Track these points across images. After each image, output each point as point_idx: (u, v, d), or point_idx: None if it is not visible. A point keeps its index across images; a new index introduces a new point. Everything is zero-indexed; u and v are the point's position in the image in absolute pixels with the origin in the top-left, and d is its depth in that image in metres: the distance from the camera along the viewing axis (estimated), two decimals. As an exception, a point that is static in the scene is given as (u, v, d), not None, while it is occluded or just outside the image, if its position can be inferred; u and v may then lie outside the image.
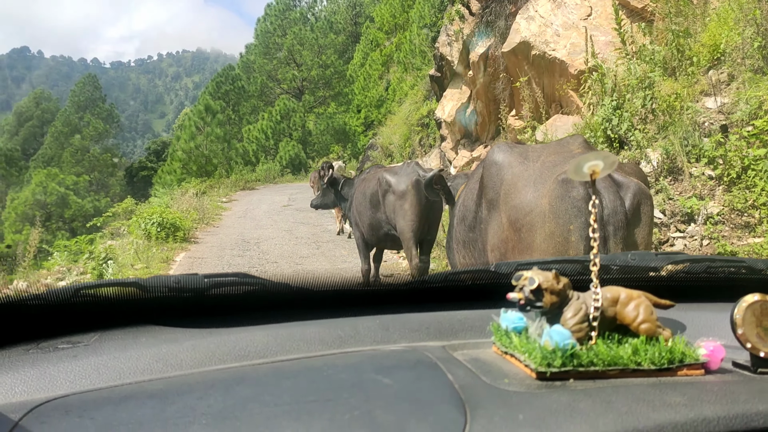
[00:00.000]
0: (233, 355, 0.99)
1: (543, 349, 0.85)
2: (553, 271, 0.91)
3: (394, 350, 1.02)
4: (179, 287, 1.10)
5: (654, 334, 0.92)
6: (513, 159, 2.44)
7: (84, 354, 0.97)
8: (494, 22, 10.80)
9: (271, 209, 15.66)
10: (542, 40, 9.91)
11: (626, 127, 5.14)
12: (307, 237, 10.93)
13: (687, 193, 4.51)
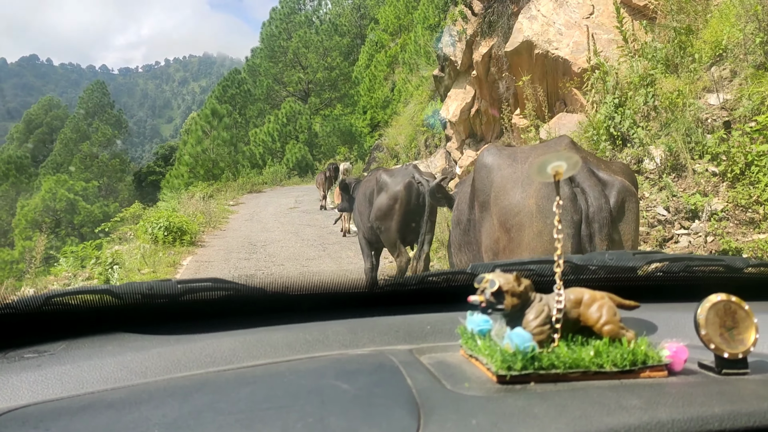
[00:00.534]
0: (199, 362, 0.98)
1: (503, 352, 0.84)
2: (515, 273, 0.90)
3: (359, 354, 1.01)
4: (152, 294, 1.09)
5: (617, 336, 0.91)
6: (502, 161, 2.51)
7: (48, 363, 0.96)
8: (497, 21, 10.80)
9: (277, 212, 15.72)
10: (545, 39, 9.90)
11: (629, 125, 5.13)
12: (314, 239, 10.97)
13: (691, 189, 4.50)
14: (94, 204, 45.22)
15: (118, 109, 67.91)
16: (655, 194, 4.59)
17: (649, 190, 4.67)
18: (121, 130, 64.99)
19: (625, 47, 6.83)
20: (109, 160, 56.30)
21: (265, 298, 1.18)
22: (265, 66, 39.01)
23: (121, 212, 14.32)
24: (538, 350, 0.84)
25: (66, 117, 69.18)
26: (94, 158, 55.87)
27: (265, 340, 1.05)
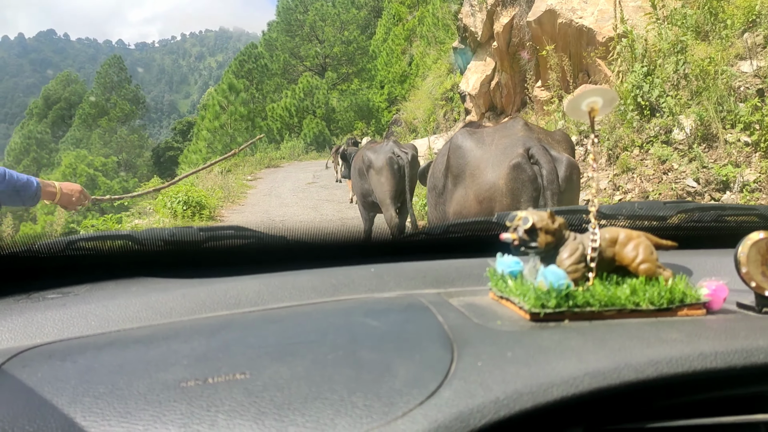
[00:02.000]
0: (223, 303, 0.99)
1: (537, 290, 0.83)
2: (548, 210, 0.87)
3: (387, 297, 1.01)
4: (174, 240, 1.10)
5: (654, 275, 0.88)
6: (473, 144, 2.95)
7: (73, 303, 0.96)
8: (519, -10, 10.54)
9: (295, 187, 15.68)
10: (569, 8, 9.64)
11: (657, 94, 4.97)
12: (332, 214, 10.91)
13: (722, 160, 4.35)
14: (113, 179, 45.69)
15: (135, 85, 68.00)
16: (685, 165, 4.45)
17: (679, 161, 4.53)
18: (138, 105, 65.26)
19: (653, 14, 6.60)
20: (128, 135, 56.68)
21: (287, 246, 1.18)
22: (282, 40, 38.73)
23: (140, 187, 14.36)
24: (572, 288, 0.83)
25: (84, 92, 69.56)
26: (112, 134, 56.27)
27: (290, 284, 1.05)
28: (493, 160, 2.79)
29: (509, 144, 2.80)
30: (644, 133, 4.97)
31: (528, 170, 2.67)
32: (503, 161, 2.74)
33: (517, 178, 2.67)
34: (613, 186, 4.75)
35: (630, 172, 4.72)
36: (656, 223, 1.24)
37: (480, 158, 2.86)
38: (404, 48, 39.74)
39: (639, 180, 4.61)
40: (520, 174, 2.67)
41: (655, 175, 4.54)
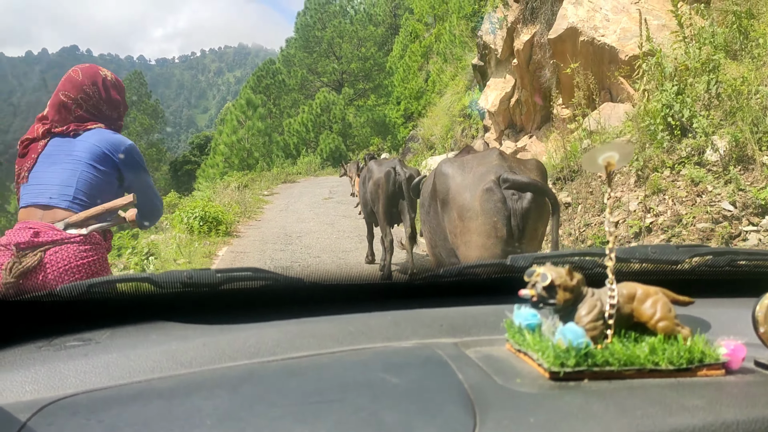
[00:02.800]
0: (243, 352, 0.98)
1: (556, 348, 0.83)
2: (567, 267, 0.88)
3: (404, 347, 1.01)
4: (192, 282, 1.10)
5: (672, 333, 0.88)
6: (455, 171, 3.42)
7: (94, 352, 0.97)
8: (540, 8, 10.44)
9: (312, 202, 15.60)
10: (591, 26, 9.53)
11: (689, 114, 4.81)
12: (350, 230, 10.77)
13: (759, 183, 4.18)
14: (131, 192, 46.03)
15: (155, 99, 68.78)
16: (720, 188, 4.27)
17: (713, 183, 4.35)
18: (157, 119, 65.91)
19: (680, 32, 6.45)
20: (146, 149, 57.22)
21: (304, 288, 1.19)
22: (300, 56, 38.98)
23: (157, 201, 14.41)
24: (591, 346, 0.83)
25: (105, 107, 70.20)
26: (131, 147, 56.73)
27: (309, 331, 1.05)
28: (470, 185, 3.28)
29: (484, 171, 3.27)
30: (675, 153, 4.81)
31: (498, 193, 3.15)
32: (478, 186, 3.22)
33: (489, 200, 3.15)
34: (644, 208, 4.58)
35: (661, 194, 4.55)
36: (669, 268, 1.22)
37: (459, 183, 3.35)
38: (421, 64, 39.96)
39: (671, 202, 4.44)
40: (491, 196, 3.15)
41: (689, 197, 4.37)
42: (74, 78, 2.44)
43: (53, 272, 2.09)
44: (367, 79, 39.09)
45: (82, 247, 2.17)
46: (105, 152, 2.35)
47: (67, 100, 2.40)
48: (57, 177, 2.28)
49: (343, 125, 35.60)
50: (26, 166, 2.34)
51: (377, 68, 38.64)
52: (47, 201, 2.25)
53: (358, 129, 35.67)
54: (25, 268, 2.04)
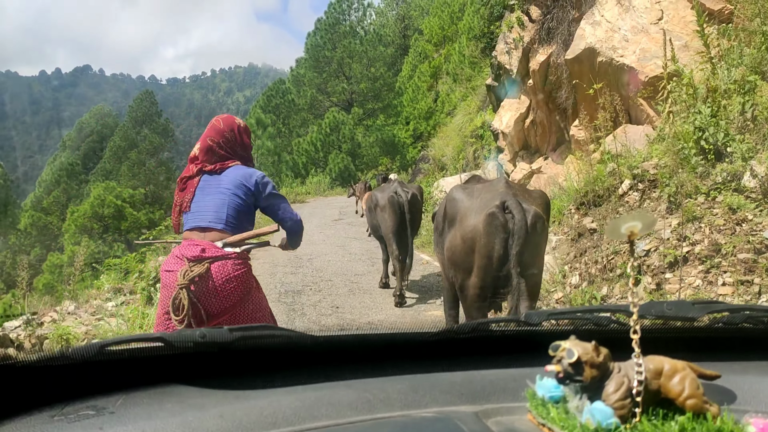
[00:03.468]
0: (261, 423, 0.96)
1: (585, 428, 0.81)
2: (593, 343, 0.87)
3: (424, 417, 0.99)
4: (205, 342, 1.07)
5: (701, 411, 0.86)
6: (464, 197, 3.80)
7: (109, 423, 0.94)
8: (556, 28, 10.28)
9: (322, 223, 15.38)
10: (609, 46, 9.35)
11: (723, 137, 4.58)
12: (361, 253, 10.52)
13: (804, 212, 3.93)
14: (140, 211, 46.04)
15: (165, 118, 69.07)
16: (762, 216, 4.03)
17: (753, 211, 4.11)
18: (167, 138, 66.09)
19: (705, 53, 6.24)
20: (156, 168, 57.28)
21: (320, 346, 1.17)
22: (310, 76, 39.03)
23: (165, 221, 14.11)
24: (621, 427, 0.82)
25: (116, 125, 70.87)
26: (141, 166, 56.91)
27: (326, 399, 1.04)
28: (476, 209, 3.61)
29: (490, 197, 3.59)
30: (709, 179, 4.57)
31: (500, 218, 3.45)
32: (483, 210, 3.54)
33: (492, 224, 3.45)
34: (678, 236, 4.33)
35: (696, 221, 4.30)
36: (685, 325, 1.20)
37: (467, 207, 3.69)
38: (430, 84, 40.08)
39: (708, 230, 4.19)
40: (494, 220, 3.45)
41: (727, 225, 4.12)
42: (217, 126, 3.04)
43: (218, 279, 2.71)
44: (377, 99, 39.09)
45: (237, 261, 2.80)
46: (244, 184, 2.93)
47: (212, 144, 2.99)
48: (211, 205, 2.88)
49: (352, 145, 35.52)
50: (187, 198, 2.92)
51: (387, 88, 38.68)
52: (206, 224, 2.86)
53: (367, 149, 35.58)
54: (194, 275, 2.64)
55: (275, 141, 31.73)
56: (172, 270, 2.78)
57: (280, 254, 10.81)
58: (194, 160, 3.00)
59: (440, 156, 18.81)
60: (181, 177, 3.01)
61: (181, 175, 3.03)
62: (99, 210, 44.76)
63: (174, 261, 2.79)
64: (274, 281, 8.10)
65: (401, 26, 51.98)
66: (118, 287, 6.76)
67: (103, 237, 44.33)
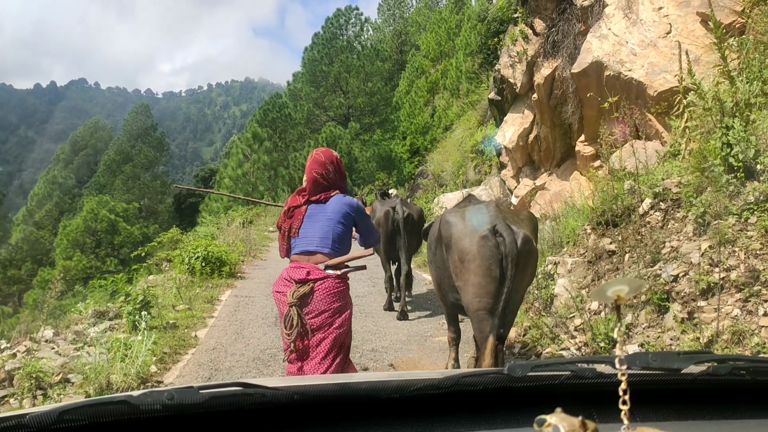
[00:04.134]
0: None
1: None
2: (579, 419, 0.80)
3: None
4: (173, 405, 1.03)
5: None
6: (457, 220, 3.98)
7: None
8: (561, 41, 10.03)
9: (319, 240, 15.02)
10: (617, 60, 9.10)
11: (753, 153, 4.27)
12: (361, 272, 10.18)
13: None
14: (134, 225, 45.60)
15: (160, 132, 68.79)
16: (803, 240, 3.71)
17: (793, 234, 3.79)
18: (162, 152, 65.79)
19: (723, 66, 5.97)
20: (151, 181, 56.90)
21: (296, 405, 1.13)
22: (306, 90, 38.87)
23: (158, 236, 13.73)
24: None
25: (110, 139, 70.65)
26: (136, 180, 56.56)
27: None
28: (469, 232, 3.81)
29: (482, 221, 3.82)
30: (740, 198, 4.25)
31: (492, 240, 3.68)
32: (476, 233, 3.75)
33: (485, 246, 3.67)
34: (710, 261, 4.00)
35: (729, 245, 3.98)
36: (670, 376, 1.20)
37: (461, 230, 3.89)
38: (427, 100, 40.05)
39: (743, 255, 3.87)
40: (486, 242, 3.66)
41: (765, 250, 3.80)
42: (319, 159, 3.37)
43: (320, 295, 3.10)
44: (374, 114, 38.95)
45: (336, 280, 3.17)
46: (346, 211, 3.31)
47: (318, 176, 3.33)
48: (318, 231, 3.24)
49: (349, 159, 35.26)
50: (296, 225, 3.28)
51: (384, 103, 38.58)
52: (313, 248, 3.22)
53: (363, 163, 35.39)
54: (301, 294, 3.08)
55: (272, 155, 31.45)
56: (281, 291, 3.22)
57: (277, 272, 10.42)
58: (302, 192, 3.39)
59: (439, 171, 18.52)
60: (288, 206, 3.38)
61: (288, 204, 3.40)
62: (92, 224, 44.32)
63: (283, 283, 3.23)
64: (270, 303, 7.73)
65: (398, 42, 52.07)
66: (103, 310, 6.36)
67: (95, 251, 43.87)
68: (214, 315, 7.08)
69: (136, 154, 60.39)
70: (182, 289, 7.77)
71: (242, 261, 11.26)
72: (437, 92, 39.04)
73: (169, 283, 8.15)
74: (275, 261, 11.90)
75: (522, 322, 5.39)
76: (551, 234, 6.50)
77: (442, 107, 33.71)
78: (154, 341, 4.98)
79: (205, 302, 7.61)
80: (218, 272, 9.43)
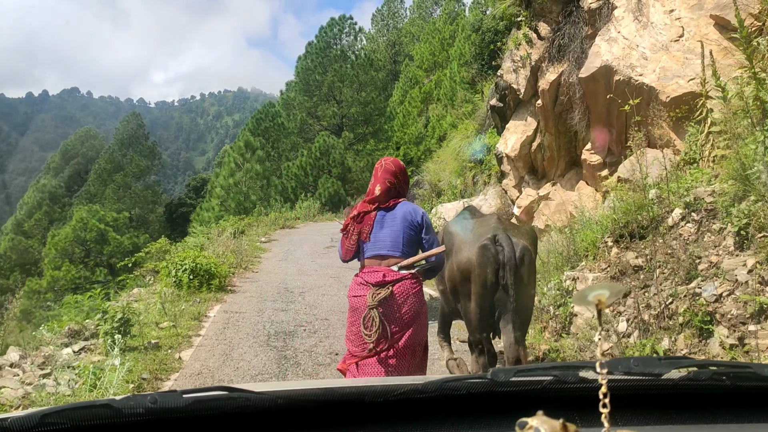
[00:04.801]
0: None
1: None
2: (561, 421, 0.79)
3: None
4: (156, 409, 1.02)
5: None
6: (459, 230, 4.20)
7: None
8: (568, 45, 9.64)
9: (313, 251, 14.50)
10: (627, 64, 8.71)
11: (800, 160, 3.83)
12: (357, 285, 9.69)
13: None
14: (124, 235, 44.93)
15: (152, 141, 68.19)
16: None
17: None
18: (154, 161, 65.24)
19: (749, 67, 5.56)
20: (142, 191, 56.30)
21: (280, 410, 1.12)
22: (300, 100, 38.52)
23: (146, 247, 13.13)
24: None
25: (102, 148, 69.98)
26: (127, 189, 55.97)
27: None
28: (470, 242, 3.95)
29: (483, 232, 3.95)
30: (786, 208, 3.80)
31: (492, 250, 3.80)
32: (476, 243, 3.87)
33: (484, 255, 3.78)
34: (759, 279, 3.55)
35: (781, 261, 3.53)
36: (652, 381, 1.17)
37: (462, 240, 4.05)
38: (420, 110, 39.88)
39: (798, 273, 3.41)
40: (485, 252, 3.77)
41: (824, 267, 3.35)
42: (390, 168, 3.52)
43: (400, 297, 3.23)
44: (367, 124, 38.61)
45: (412, 280, 3.31)
46: (414, 219, 3.40)
47: (390, 185, 3.47)
48: (389, 236, 3.34)
49: (342, 169, 34.89)
50: (366, 230, 3.39)
51: (377, 113, 38.26)
52: (385, 252, 3.32)
53: (357, 173, 35.02)
54: (382, 296, 3.18)
55: (264, 164, 30.99)
56: (358, 295, 3.28)
57: (269, 285, 9.89)
58: (374, 199, 3.46)
59: (436, 181, 18.08)
60: (358, 212, 3.48)
61: (357, 209, 3.51)
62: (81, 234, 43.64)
63: (359, 287, 3.30)
64: (263, 319, 7.21)
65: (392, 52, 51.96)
66: (78, 329, 5.83)
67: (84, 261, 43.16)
68: (200, 333, 6.55)
69: (127, 163, 59.88)
70: (167, 304, 7.24)
71: (233, 273, 10.73)
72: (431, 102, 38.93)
73: (154, 297, 7.61)
74: (267, 273, 11.38)
75: (539, 344, 4.92)
76: (565, 246, 6.03)
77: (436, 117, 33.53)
78: (129, 368, 4.44)
79: (191, 319, 7.06)
80: (207, 285, 8.88)
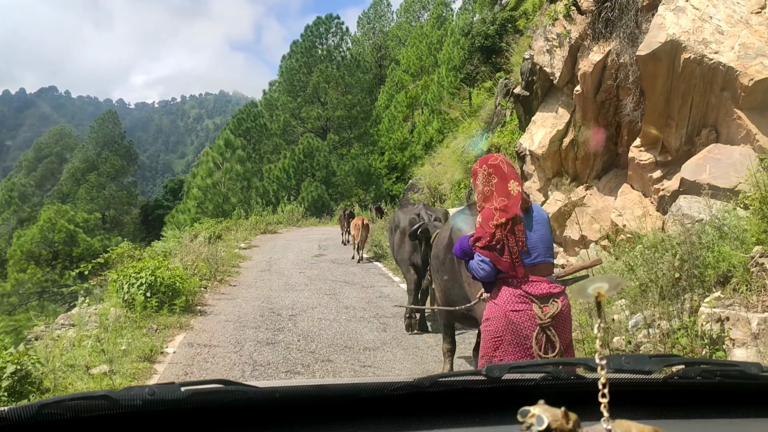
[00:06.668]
0: None
1: None
2: (562, 409, 0.79)
3: None
4: (154, 401, 1.00)
5: None
6: (468, 228, 3.89)
7: None
8: (618, 19, 7.99)
9: (300, 260, 12.64)
10: (698, 40, 7.08)
11: None
12: (361, 307, 7.72)
13: None
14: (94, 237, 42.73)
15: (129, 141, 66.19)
16: None
17: None
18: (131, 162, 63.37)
19: None
20: (117, 192, 54.51)
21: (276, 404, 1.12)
22: (283, 100, 37.00)
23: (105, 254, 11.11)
24: None
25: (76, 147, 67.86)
26: (101, 189, 54.16)
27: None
28: None
29: None
30: None
31: None
32: None
33: None
34: None
35: None
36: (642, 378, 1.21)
37: None
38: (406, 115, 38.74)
39: None
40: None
41: None
42: (510, 168, 3.30)
43: (566, 312, 3.03)
44: (353, 127, 37.18)
45: (566, 293, 3.16)
46: (546, 219, 3.30)
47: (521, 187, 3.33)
48: (538, 240, 3.15)
49: (326, 173, 33.37)
50: (522, 238, 3.10)
51: (363, 116, 36.87)
52: (541, 260, 3.11)
53: (342, 177, 33.53)
54: (553, 312, 2.93)
55: (245, 165, 29.15)
56: (519, 309, 2.98)
57: (250, 305, 8.00)
58: (519, 202, 3.15)
59: (436, 184, 16.39)
60: (508, 218, 3.08)
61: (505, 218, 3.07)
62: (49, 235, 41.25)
63: (519, 299, 3.00)
64: (241, 359, 5.26)
65: (378, 56, 50.80)
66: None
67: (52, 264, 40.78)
68: (150, 383, 4.67)
69: (102, 163, 58.08)
70: (110, 333, 5.32)
71: (205, 287, 8.79)
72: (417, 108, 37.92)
73: (92, 319, 5.68)
74: (248, 287, 9.46)
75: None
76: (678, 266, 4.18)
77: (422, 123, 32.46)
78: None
79: (140, 359, 5.05)
80: (169, 306, 6.89)
